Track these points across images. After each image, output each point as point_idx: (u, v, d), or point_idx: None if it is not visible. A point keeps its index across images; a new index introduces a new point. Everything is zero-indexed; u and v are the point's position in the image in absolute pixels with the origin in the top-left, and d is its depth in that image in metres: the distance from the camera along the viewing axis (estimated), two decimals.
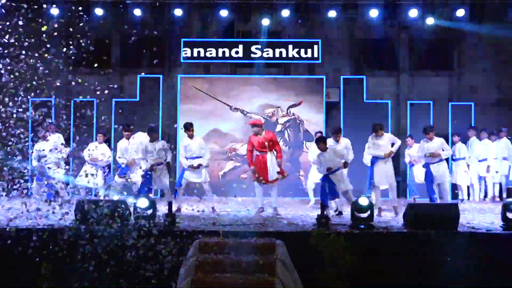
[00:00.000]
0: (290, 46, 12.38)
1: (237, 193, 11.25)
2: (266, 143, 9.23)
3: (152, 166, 9.26)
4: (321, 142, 9.01)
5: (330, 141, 9.60)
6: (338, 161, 8.81)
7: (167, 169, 9.38)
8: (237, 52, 12.42)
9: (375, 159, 9.37)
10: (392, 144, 9.43)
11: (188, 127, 9.84)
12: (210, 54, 12.40)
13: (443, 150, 9.55)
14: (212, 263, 6.65)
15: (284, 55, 12.39)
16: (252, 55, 12.42)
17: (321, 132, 11.10)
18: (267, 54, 12.39)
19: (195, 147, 9.60)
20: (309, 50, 12.35)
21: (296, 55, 12.38)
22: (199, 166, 9.47)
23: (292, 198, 11.74)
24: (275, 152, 9.27)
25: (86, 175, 10.37)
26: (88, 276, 7.00)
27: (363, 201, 7.66)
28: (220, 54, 12.41)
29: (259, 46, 12.39)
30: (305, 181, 11.18)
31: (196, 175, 9.55)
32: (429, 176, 9.53)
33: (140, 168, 9.59)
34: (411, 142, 11.03)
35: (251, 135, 9.45)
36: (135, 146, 9.86)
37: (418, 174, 10.78)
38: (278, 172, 9.23)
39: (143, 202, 7.66)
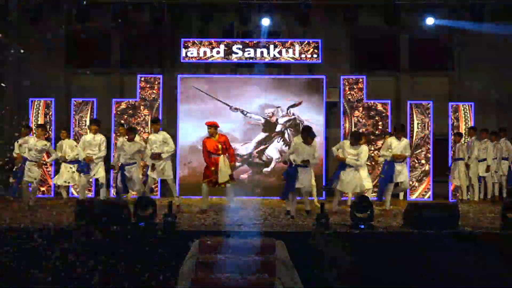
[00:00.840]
0: (290, 46, 12.40)
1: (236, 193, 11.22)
2: (219, 146, 9.35)
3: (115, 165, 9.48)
4: (310, 137, 8.93)
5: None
6: (311, 159, 8.84)
7: (139, 170, 9.35)
8: (237, 52, 12.43)
9: (344, 165, 9.32)
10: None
11: (155, 121, 9.93)
12: (210, 54, 12.41)
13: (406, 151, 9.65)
14: (212, 263, 6.65)
15: (284, 55, 12.40)
16: (252, 55, 12.43)
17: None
18: (267, 54, 12.41)
19: (158, 142, 9.63)
20: (309, 50, 12.36)
21: (296, 55, 12.39)
22: (158, 158, 9.54)
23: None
24: (228, 156, 9.40)
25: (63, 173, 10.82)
26: (87, 276, 7.01)
27: (363, 201, 7.67)
28: (220, 54, 12.42)
29: (259, 47, 12.41)
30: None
31: (157, 173, 9.62)
32: (389, 173, 9.54)
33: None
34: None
35: (205, 138, 9.54)
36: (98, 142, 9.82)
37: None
38: (230, 176, 9.34)
39: (143, 202, 7.66)
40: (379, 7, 12.60)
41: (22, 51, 11.91)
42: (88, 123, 12.04)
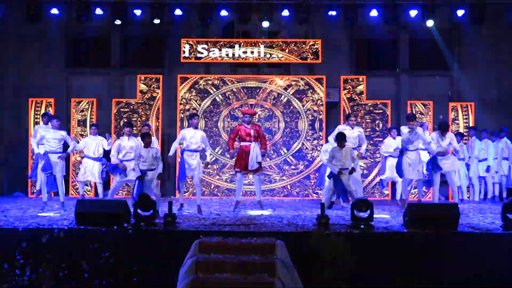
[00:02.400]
0: (290, 46, 12.39)
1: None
2: (252, 132, 9.31)
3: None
4: (343, 139, 9.08)
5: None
6: (349, 162, 8.99)
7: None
8: (237, 52, 12.42)
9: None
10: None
11: (193, 116, 9.72)
12: (210, 54, 12.41)
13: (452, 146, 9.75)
14: (212, 263, 6.65)
15: (284, 55, 12.40)
16: (252, 55, 12.43)
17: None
18: (267, 54, 12.41)
19: (197, 139, 9.45)
20: (309, 51, 12.36)
21: (296, 56, 12.39)
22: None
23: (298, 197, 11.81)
24: (259, 143, 9.35)
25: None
26: (87, 276, 7.01)
27: (362, 201, 7.67)
28: (220, 54, 12.42)
29: (258, 47, 12.41)
30: (319, 182, 11.04)
31: (193, 168, 9.40)
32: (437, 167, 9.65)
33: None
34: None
35: (238, 125, 9.48)
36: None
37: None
38: (259, 163, 9.27)
39: (143, 202, 7.66)
40: (379, 7, 12.58)
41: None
42: (88, 123, 12.10)
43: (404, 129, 9.66)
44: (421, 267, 7.04)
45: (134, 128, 10.80)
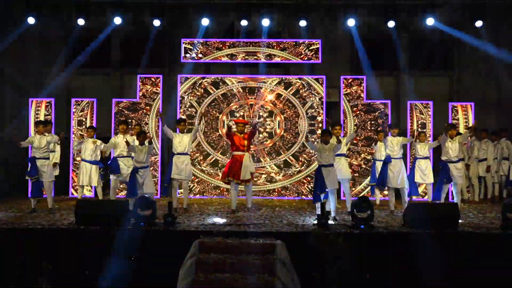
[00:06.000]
0: (290, 46, 12.39)
1: None
2: (246, 142, 9.40)
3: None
4: (327, 133, 8.85)
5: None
6: (332, 158, 8.77)
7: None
8: (237, 52, 12.41)
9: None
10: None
11: (180, 122, 9.90)
12: (210, 54, 12.40)
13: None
14: (212, 263, 6.66)
15: (284, 55, 12.39)
16: (252, 55, 12.42)
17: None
18: (267, 54, 12.40)
19: (185, 142, 9.61)
20: (309, 50, 12.35)
21: (296, 55, 12.38)
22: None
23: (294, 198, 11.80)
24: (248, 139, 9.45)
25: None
26: (87, 276, 7.02)
27: (363, 201, 7.67)
28: (220, 54, 12.41)
29: (258, 47, 12.40)
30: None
31: (181, 172, 9.54)
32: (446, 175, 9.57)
33: None
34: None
35: (232, 133, 9.56)
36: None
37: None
38: (251, 174, 9.31)
39: (143, 202, 7.67)
40: (379, 7, 12.58)
41: None
42: (88, 123, 12.11)
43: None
44: (421, 267, 7.04)
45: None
